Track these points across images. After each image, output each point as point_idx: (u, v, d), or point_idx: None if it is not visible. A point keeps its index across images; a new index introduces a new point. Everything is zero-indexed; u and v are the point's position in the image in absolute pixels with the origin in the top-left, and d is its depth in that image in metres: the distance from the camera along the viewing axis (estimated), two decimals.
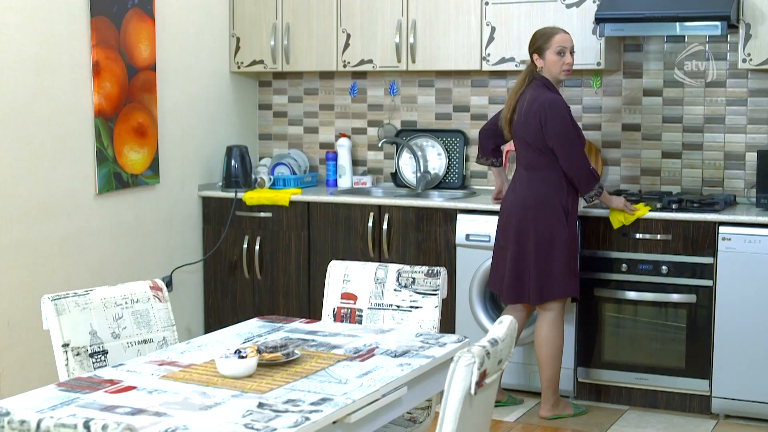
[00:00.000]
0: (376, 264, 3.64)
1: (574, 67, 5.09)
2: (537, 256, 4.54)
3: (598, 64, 5.07)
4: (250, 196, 5.52)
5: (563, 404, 4.76)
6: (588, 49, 5.06)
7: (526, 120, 4.55)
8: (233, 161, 5.59)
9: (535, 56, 4.59)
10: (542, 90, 4.55)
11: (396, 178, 5.80)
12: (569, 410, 4.75)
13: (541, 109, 4.49)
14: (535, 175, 4.58)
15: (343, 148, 5.84)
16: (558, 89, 4.62)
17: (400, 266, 3.61)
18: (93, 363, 3.07)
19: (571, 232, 4.58)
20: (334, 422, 2.47)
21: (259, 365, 2.81)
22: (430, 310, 3.49)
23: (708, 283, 4.67)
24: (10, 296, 4.42)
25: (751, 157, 5.10)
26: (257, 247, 5.53)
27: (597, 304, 4.88)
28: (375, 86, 5.90)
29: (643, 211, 4.74)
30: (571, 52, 4.59)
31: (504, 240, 4.67)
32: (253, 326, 3.39)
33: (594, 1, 5.04)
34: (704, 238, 4.67)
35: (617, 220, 4.76)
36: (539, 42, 4.58)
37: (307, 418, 2.38)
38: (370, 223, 5.26)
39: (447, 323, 5.05)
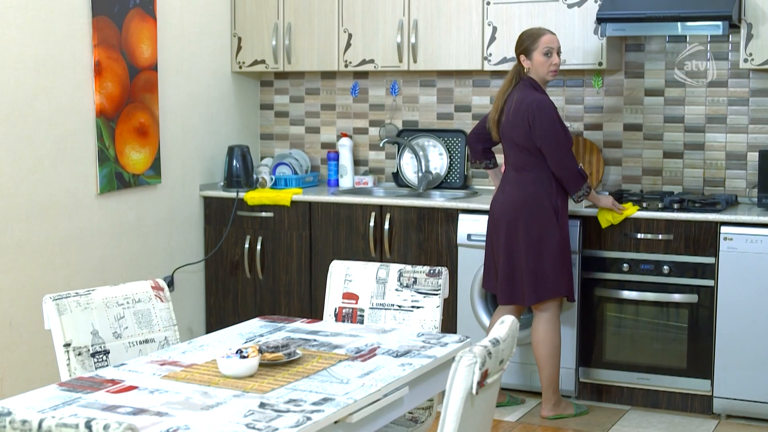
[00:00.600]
0: (378, 264, 3.64)
1: (576, 67, 5.11)
2: (528, 257, 4.54)
3: (600, 63, 5.07)
4: (252, 196, 5.52)
5: (564, 404, 4.76)
6: (589, 48, 5.06)
7: (514, 121, 4.56)
8: (235, 161, 5.59)
9: (522, 57, 4.59)
10: (530, 91, 4.56)
11: (397, 177, 5.80)
12: (570, 410, 4.75)
13: (529, 109, 4.50)
14: (524, 176, 4.58)
15: (344, 147, 5.84)
16: (545, 90, 4.63)
17: (401, 266, 3.61)
18: (94, 363, 3.07)
19: (563, 232, 4.57)
20: (335, 422, 2.47)
21: (261, 365, 2.81)
22: (432, 309, 3.49)
23: (709, 283, 4.67)
24: (11, 296, 4.42)
25: (753, 156, 5.10)
26: (259, 247, 5.53)
27: (598, 303, 4.88)
28: (376, 86, 5.90)
29: (632, 211, 4.75)
30: (558, 53, 4.60)
31: (494, 241, 4.67)
32: (255, 326, 3.39)
33: (595, 1, 5.04)
34: (706, 238, 4.66)
35: (605, 220, 4.77)
36: (526, 43, 4.58)
37: (309, 418, 2.38)
38: (372, 223, 5.26)
39: (448, 323, 5.05)
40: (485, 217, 4.97)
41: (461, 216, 5.05)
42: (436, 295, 3.51)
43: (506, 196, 4.63)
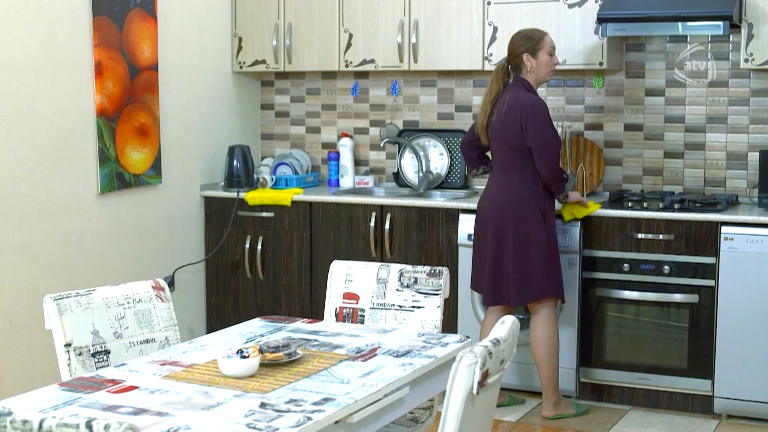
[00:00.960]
0: (378, 264, 3.64)
1: (577, 67, 5.12)
2: (516, 258, 4.54)
3: (601, 63, 5.07)
4: (252, 196, 5.52)
5: (565, 403, 4.76)
6: (590, 48, 5.06)
7: (505, 121, 4.55)
8: (235, 161, 5.59)
9: (527, 56, 4.58)
10: (522, 91, 4.56)
11: (398, 177, 5.80)
12: (571, 410, 4.75)
13: (522, 109, 4.50)
14: (512, 177, 4.58)
15: (345, 147, 5.84)
16: (536, 91, 4.63)
17: (402, 266, 3.61)
18: (95, 363, 3.07)
19: (550, 233, 4.58)
20: (336, 422, 2.47)
21: (262, 365, 2.81)
22: (432, 309, 3.49)
23: (710, 283, 4.67)
24: (12, 296, 4.42)
25: (753, 156, 5.10)
26: (259, 247, 5.53)
27: (599, 303, 4.88)
28: (377, 86, 5.90)
29: (594, 208, 4.79)
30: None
31: (481, 242, 4.67)
32: (256, 326, 3.39)
33: (596, 1, 5.04)
34: (706, 238, 4.66)
35: (569, 213, 4.81)
36: (531, 43, 4.59)
37: (309, 418, 2.38)
38: (372, 223, 5.26)
39: (449, 323, 5.05)
40: None
41: (462, 216, 5.05)
42: (437, 295, 3.51)
43: (493, 198, 4.62)
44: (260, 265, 5.54)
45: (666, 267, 4.73)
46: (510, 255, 4.55)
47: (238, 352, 2.75)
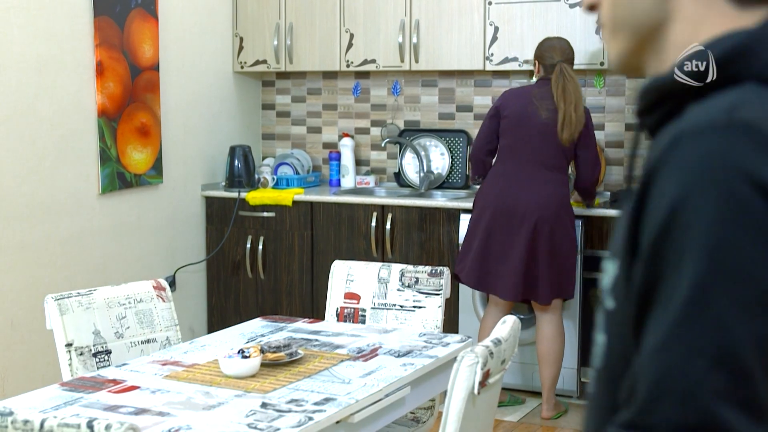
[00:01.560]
0: (380, 264, 3.64)
1: (578, 67, 5.12)
2: (552, 257, 4.50)
3: (602, 64, 5.07)
4: (253, 196, 5.52)
5: (557, 402, 4.78)
6: (591, 49, 5.06)
7: (564, 121, 4.56)
8: (236, 161, 5.59)
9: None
10: None
11: (399, 177, 5.80)
12: (561, 406, 4.78)
13: (580, 115, 4.54)
14: (556, 177, 4.56)
15: (346, 147, 5.84)
16: None
17: (403, 266, 3.61)
18: (96, 363, 3.07)
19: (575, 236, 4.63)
20: (337, 422, 2.47)
21: (263, 365, 2.81)
22: (434, 309, 3.49)
23: None
24: (13, 296, 4.42)
25: None
26: (260, 247, 5.53)
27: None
28: (378, 86, 5.89)
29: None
30: None
31: (508, 237, 4.54)
32: (257, 326, 3.39)
33: None
34: None
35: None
36: None
37: (311, 418, 2.38)
38: (374, 223, 5.26)
39: (450, 323, 5.05)
40: None
41: (463, 216, 5.05)
42: (438, 295, 3.51)
43: (536, 194, 4.51)
44: (261, 265, 5.54)
45: None
46: (546, 254, 4.49)
47: (239, 352, 2.75)
